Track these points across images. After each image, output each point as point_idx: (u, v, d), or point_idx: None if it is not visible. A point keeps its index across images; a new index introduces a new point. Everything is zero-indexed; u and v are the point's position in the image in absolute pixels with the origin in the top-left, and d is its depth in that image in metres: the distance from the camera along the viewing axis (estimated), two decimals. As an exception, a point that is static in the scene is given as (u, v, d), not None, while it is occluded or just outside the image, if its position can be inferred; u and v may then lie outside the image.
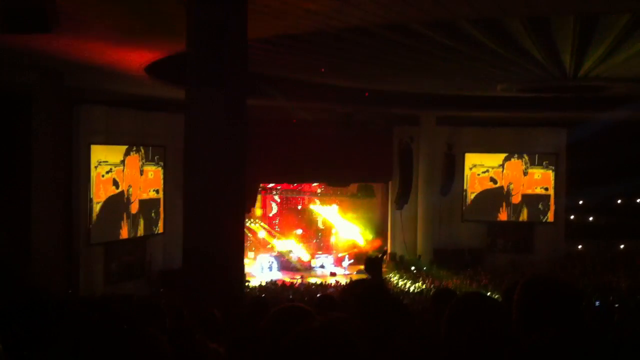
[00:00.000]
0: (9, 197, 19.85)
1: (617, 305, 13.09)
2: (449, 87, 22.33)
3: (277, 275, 28.49)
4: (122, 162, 23.18)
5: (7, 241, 18.86)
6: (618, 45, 14.29)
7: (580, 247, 30.70)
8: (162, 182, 25.07)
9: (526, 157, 30.35)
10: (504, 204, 30.45)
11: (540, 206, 30.29)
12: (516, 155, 30.37)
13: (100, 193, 22.12)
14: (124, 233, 23.47)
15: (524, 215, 30.37)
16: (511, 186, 30.34)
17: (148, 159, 24.48)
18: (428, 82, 21.21)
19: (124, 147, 23.33)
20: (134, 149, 23.78)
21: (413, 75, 19.21)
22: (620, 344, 2.97)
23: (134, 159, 23.83)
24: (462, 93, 24.03)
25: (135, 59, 15.71)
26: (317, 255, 30.74)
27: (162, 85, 19.02)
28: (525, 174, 30.34)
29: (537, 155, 30.27)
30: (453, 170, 29.64)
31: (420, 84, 21.71)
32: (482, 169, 30.51)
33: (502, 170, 30.43)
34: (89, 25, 12.12)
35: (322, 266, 29.97)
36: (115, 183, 22.88)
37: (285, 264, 30.02)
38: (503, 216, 30.48)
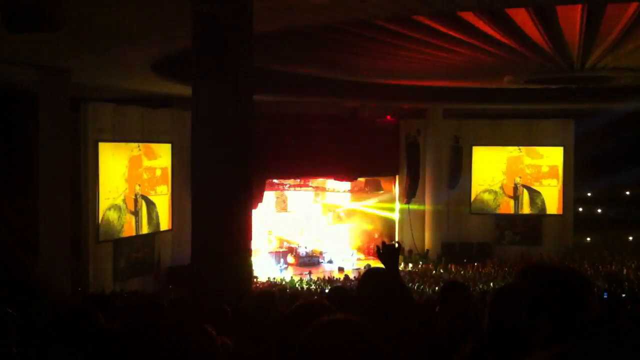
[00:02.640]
0: (17, 195, 19.94)
1: (624, 295, 13.04)
2: (455, 79, 22.26)
3: (286, 270, 28.54)
4: (129, 159, 23.20)
5: (15, 239, 18.94)
6: (625, 36, 14.23)
7: (588, 239, 30.64)
8: (170, 178, 25.10)
9: (533, 149, 30.25)
10: (511, 197, 30.36)
11: (548, 198, 30.18)
12: (522, 148, 30.26)
13: (108, 190, 22.15)
14: (133, 230, 23.52)
15: (531, 208, 30.28)
16: (518, 179, 30.25)
17: (155, 156, 24.51)
18: (434, 75, 21.15)
19: (131, 144, 23.35)
20: (140, 146, 23.80)
21: (419, 67, 19.17)
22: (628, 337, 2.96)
23: (140, 155, 23.85)
24: (469, 85, 23.97)
25: (141, 56, 15.73)
26: (325, 250, 30.74)
27: (169, 82, 19.05)
28: (531, 166, 30.24)
29: (544, 147, 30.16)
30: (460, 163, 29.59)
31: (427, 76, 21.65)
32: (489, 161, 30.41)
33: (510, 163, 30.33)
34: (95, 22, 12.14)
35: (330, 261, 29.96)
36: (123, 180, 22.90)
37: (293, 259, 30.07)
38: (511, 209, 30.40)
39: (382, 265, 3.51)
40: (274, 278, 25.90)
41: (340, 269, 28.49)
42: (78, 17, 10.75)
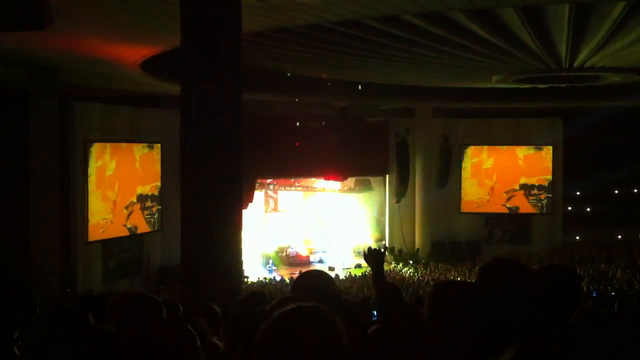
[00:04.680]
0: (6, 196, 19.82)
1: (613, 294, 13.10)
2: (444, 79, 22.30)
3: (275, 271, 28.51)
4: (119, 158, 23.12)
5: (4, 240, 18.84)
6: (613, 35, 14.29)
7: (577, 237, 30.78)
8: (159, 178, 25.02)
9: (522, 148, 30.36)
10: (501, 196, 30.46)
11: (537, 197, 30.30)
12: (511, 147, 30.37)
13: (97, 190, 22.07)
14: (122, 230, 23.44)
15: (521, 207, 30.39)
16: (507, 177, 30.35)
17: (144, 155, 24.44)
18: (423, 74, 21.18)
19: (120, 144, 23.28)
20: (130, 145, 23.74)
21: (408, 67, 19.19)
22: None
23: (130, 155, 23.79)
24: (458, 85, 24.02)
25: (130, 55, 15.68)
26: (315, 250, 30.72)
27: (158, 81, 19.00)
28: (521, 165, 30.36)
29: (533, 146, 30.27)
30: (450, 162, 29.66)
31: (416, 76, 21.68)
32: (478, 160, 30.51)
33: (499, 162, 30.42)
34: (83, 21, 12.09)
35: (320, 261, 29.95)
36: (112, 180, 22.82)
37: (283, 259, 30.02)
38: (500, 208, 30.49)
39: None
40: (265, 278, 25.88)
41: (331, 269, 28.48)
42: (66, 16, 10.71)
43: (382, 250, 3.92)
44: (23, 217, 18.49)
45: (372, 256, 3.78)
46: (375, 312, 3.88)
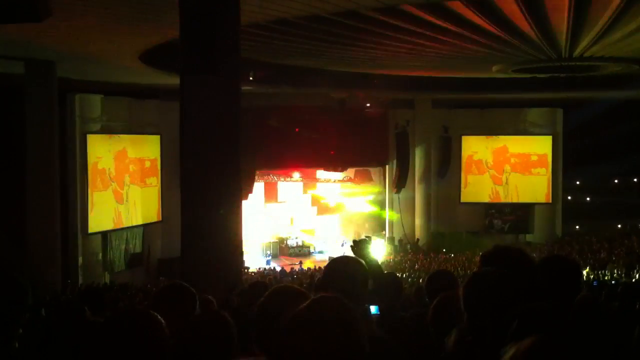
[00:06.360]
0: (4, 189, 19.80)
1: (614, 282, 13.13)
2: (444, 69, 22.24)
3: (273, 261, 28.56)
4: (118, 150, 23.11)
5: (2, 234, 18.84)
6: (613, 25, 14.26)
7: (577, 227, 30.79)
8: (158, 170, 25.00)
9: (522, 138, 30.32)
10: (501, 186, 30.43)
11: (537, 187, 30.28)
12: (512, 137, 30.32)
13: (96, 182, 22.07)
14: (122, 222, 23.43)
15: (521, 197, 30.36)
16: (508, 167, 30.32)
17: (143, 147, 24.41)
18: (423, 65, 21.13)
19: (120, 136, 23.26)
20: (129, 137, 23.71)
21: (408, 58, 19.14)
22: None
23: (130, 147, 23.76)
24: (457, 75, 23.97)
25: (129, 46, 15.64)
26: (315, 240, 30.76)
27: (157, 73, 18.97)
28: (521, 155, 30.31)
29: (533, 136, 30.24)
30: (449, 152, 29.64)
31: (415, 66, 21.62)
32: (478, 150, 30.46)
33: (499, 152, 30.38)
34: (81, 13, 12.05)
35: (320, 251, 29.99)
36: (112, 172, 22.81)
37: (283, 249, 30.06)
38: (500, 198, 30.47)
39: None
40: (264, 269, 25.91)
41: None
42: (65, 8, 10.68)
43: (368, 237, 3.96)
44: (23, 210, 18.48)
45: (359, 247, 3.82)
46: (371, 307, 3.84)
